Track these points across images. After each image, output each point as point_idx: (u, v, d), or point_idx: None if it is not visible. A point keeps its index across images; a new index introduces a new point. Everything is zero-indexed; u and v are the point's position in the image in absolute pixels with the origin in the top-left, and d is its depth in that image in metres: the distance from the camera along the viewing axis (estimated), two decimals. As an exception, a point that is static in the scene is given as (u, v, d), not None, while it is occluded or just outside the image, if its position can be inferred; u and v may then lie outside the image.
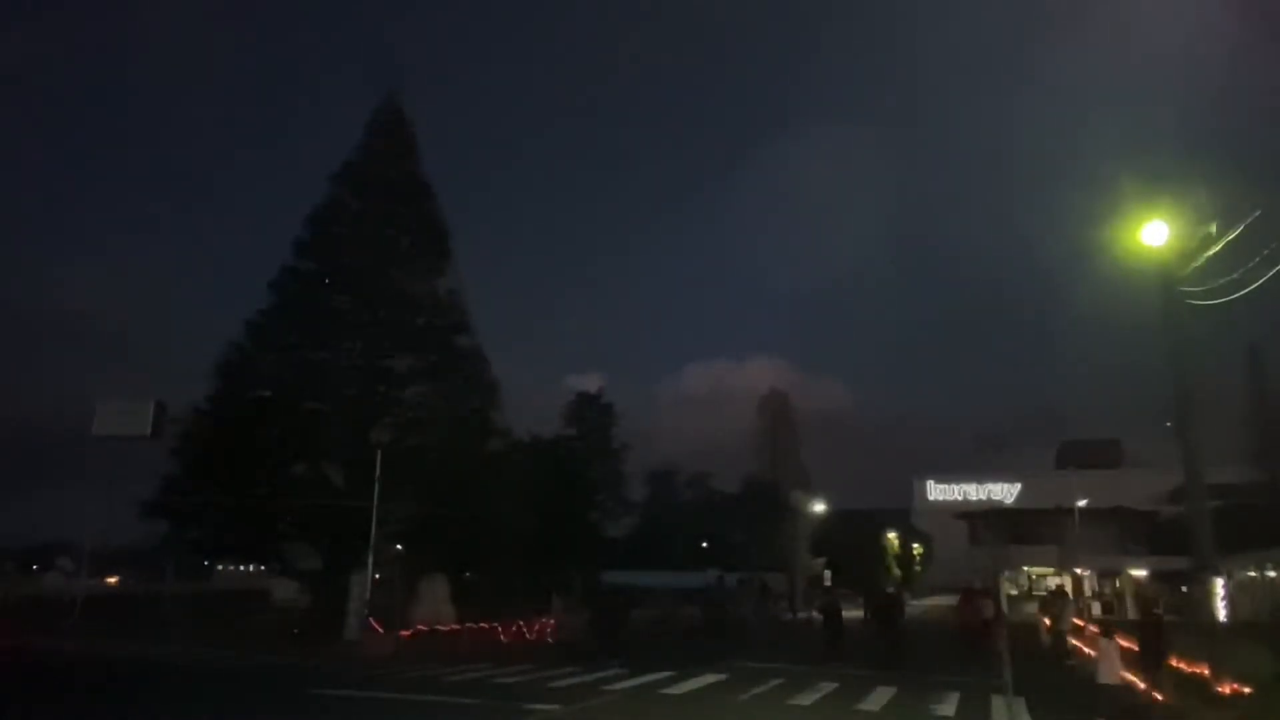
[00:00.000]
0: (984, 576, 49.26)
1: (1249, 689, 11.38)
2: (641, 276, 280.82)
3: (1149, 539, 52.08)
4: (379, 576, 24.79)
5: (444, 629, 23.72)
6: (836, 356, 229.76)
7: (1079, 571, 51.26)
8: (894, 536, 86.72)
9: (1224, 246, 12.49)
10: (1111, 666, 11.47)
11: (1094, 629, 21.36)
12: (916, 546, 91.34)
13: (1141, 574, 48.55)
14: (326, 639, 22.78)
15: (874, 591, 37.48)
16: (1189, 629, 14.38)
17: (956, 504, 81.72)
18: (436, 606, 25.91)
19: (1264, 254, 11.46)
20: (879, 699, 14.68)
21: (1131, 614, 44.03)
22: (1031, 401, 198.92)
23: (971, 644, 23.52)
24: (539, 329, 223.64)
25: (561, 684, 15.82)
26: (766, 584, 47.97)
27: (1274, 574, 39.02)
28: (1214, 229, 12.70)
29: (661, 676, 16.90)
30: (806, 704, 14.18)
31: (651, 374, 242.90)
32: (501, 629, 24.59)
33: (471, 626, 24.29)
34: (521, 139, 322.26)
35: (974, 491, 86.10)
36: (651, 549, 57.98)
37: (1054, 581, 49.77)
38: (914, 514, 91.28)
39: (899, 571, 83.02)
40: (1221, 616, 13.02)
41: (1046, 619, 25.41)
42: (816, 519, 63.14)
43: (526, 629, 25.47)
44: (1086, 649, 22.70)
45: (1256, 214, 11.79)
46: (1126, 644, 12.71)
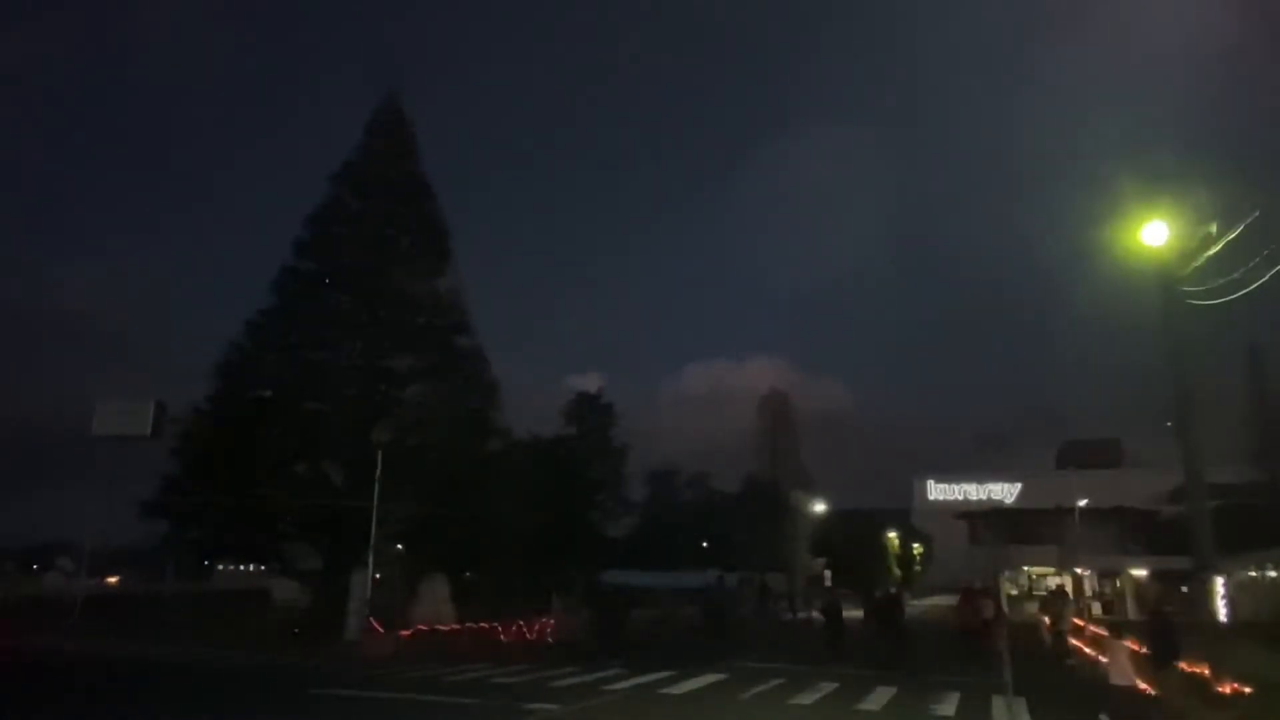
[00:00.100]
0: (984, 576, 49.25)
1: (1249, 689, 11.37)
2: (641, 276, 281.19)
3: (1149, 539, 52.04)
4: (379, 576, 24.80)
5: (444, 629, 23.68)
6: (836, 356, 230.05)
7: (1079, 571, 51.24)
8: (894, 536, 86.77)
9: (1224, 246, 12.49)
10: (1122, 667, 11.44)
11: (1100, 630, 21.35)
12: (916, 546, 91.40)
13: (1142, 574, 48.53)
14: (327, 639, 22.77)
15: (872, 591, 37.50)
16: (1189, 629, 14.35)
17: (956, 504, 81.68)
18: (436, 606, 25.88)
19: (1264, 254, 11.47)
20: (879, 699, 14.68)
21: (1132, 614, 44.09)
22: (1031, 401, 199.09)
23: (972, 644, 23.52)
24: (539, 329, 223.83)
25: (562, 684, 15.82)
26: (767, 584, 48.02)
27: (1274, 574, 39.03)
28: (1214, 229, 12.70)
29: (662, 676, 16.90)
30: (807, 703, 14.18)
31: (651, 374, 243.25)
32: (502, 629, 24.57)
33: (472, 626, 24.26)
34: (521, 139, 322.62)
35: (974, 491, 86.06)
36: (652, 549, 57.97)
37: (1054, 581, 49.73)
38: (914, 514, 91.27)
39: (899, 571, 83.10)
40: (1222, 616, 13.02)
41: (1047, 619, 25.41)
42: (816, 519, 63.23)
43: (527, 629, 25.45)
44: (1087, 649, 22.70)
45: (1256, 214, 11.80)
46: (1136, 644, 12.66)
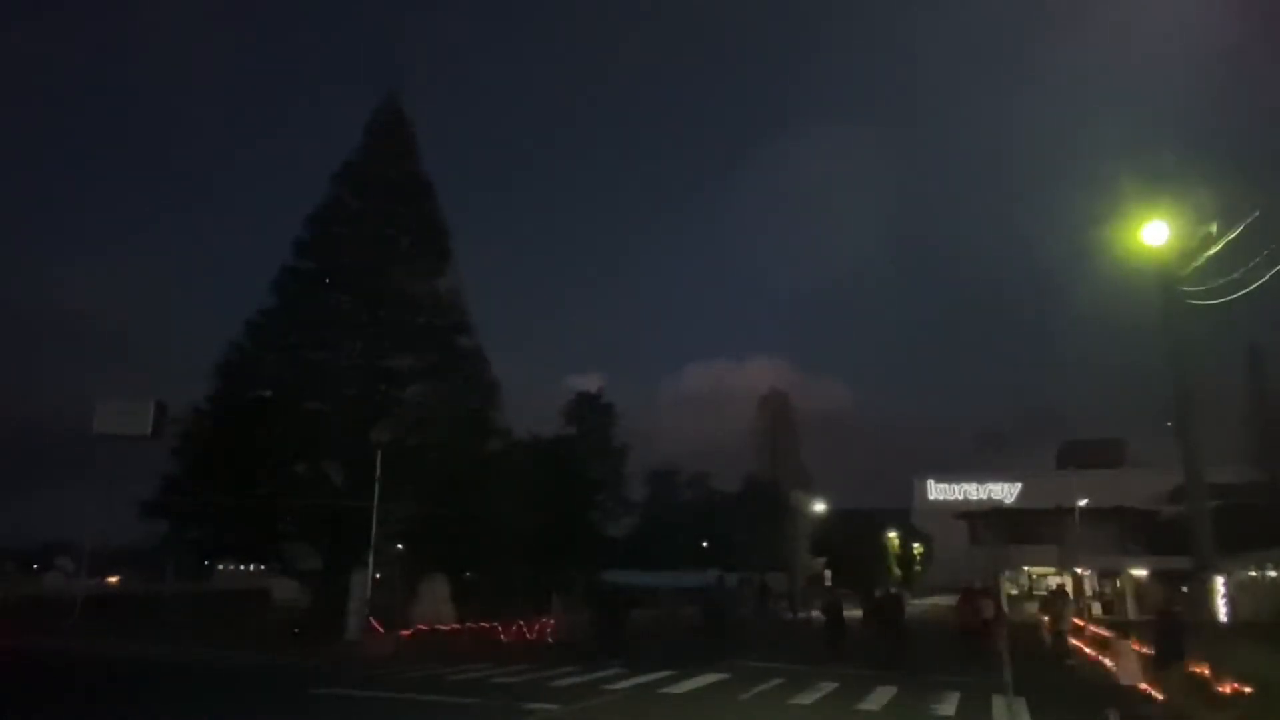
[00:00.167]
0: (984, 576, 49.25)
1: (1249, 689, 11.37)
2: (641, 276, 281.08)
3: (1149, 539, 52.05)
4: (379, 576, 24.80)
5: (444, 629, 23.68)
6: (836, 356, 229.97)
7: (1079, 571, 51.25)
8: (894, 536, 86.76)
9: (1224, 246, 12.48)
10: (1130, 667, 11.44)
11: (1102, 631, 21.34)
12: (916, 546, 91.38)
13: (1142, 574, 48.54)
14: (327, 639, 22.76)
15: (871, 591, 37.52)
16: (1190, 629, 14.34)
17: (957, 504, 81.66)
18: (437, 606, 25.89)
19: (1264, 254, 11.46)
20: (879, 699, 14.67)
21: (1132, 614, 44.10)
22: (1031, 401, 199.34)
23: (971, 644, 23.52)
24: (539, 329, 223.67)
25: (562, 683, 15.82)
26: (767, 584, 48.06)
27: (1274, 574, 39.03)
28: (1214, 229, 12.69)
29: (662, 676, 16.89)
30: (807, 703, 14.18)
31: (651, 374, 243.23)
32: (502, 629, 24.57)
33: (472, 626, 24.27)
34: (521, 139, 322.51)
35: (974, 491, 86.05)
36: (652, 549, 58.00)
37: (1054, 581, 49.75)
38: (914, 514, 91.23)
39: (899, 571, 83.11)
40: (1222, 616, 13.01)
41: (1047, 619, 25.42)
42: (817, 519, 63.23)
43: (527, 629, 25.46)
44: (1088, 649, 22.71)
45: (1256, 214, 11.78)
46: (1140, 644, 12.67)
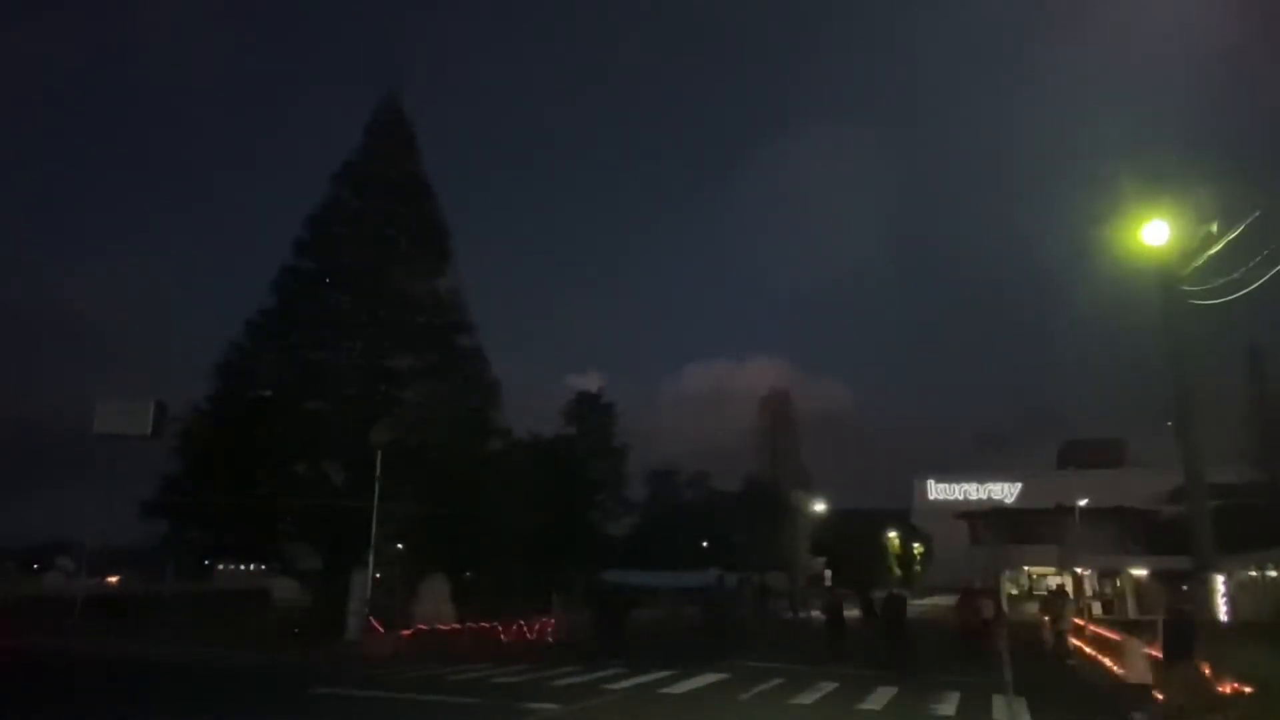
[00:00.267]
0: (984, 576, 49.29)
1: (1249, 689, 11.36)
2: (641, 276, 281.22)
3: (1149, 539, 52.05)
4: (379, 576, 24.78)
5: (444, 628, 23.67)
6: (836, 356, 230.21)
7: (1079, 571, 51.24)
8: (894, 536, 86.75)
9: (1225, 246, 12.47)
10: (1138, 666, 11.42)
11: (1105, 631, 21.31)
12: (917, 546, 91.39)
13: (1142, 573, 48.54)
14: (327, 639, 22.77)
15: (868, 590, 37.54)
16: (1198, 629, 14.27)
17: (957, 504, 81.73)
18: (437, 606, 25.86)
19: (1264, 254, 11.45)
20: (880, 699, 14.66)
21: (1133, 613, 44.08)
22: (1032, 401, 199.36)
23: (972, 644, 23.53)
24: (539, 329, 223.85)
25: (562, 683, 15.82)
26: (766, 583, 48.09)
27: (1275, 574, 39.03)
28: (1214, 228, 12.69)
29: (661, 676, 16.88)
30: (807, 703, 14.16)
31: (651, 374, 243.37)
32: (502, 628, 24.57)
33: (472, 626, 24.26)
34: (521, 139, 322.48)
35: (974, 491, 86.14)
36: (652, 549, 58.05)
37: (1054, 581, 49.74)
38: (914, 514, 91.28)
39: (899, 571, 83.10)
40: (1222, 616, 13.00)
41: (1047, 618, 25.41)
42: (817, 519, 63.26)
43: (527, 628, 25.46)
44: (1088, 648, 22.70)
45: (1257, 214, 11.78)
46: (1150, 644, 12.64)
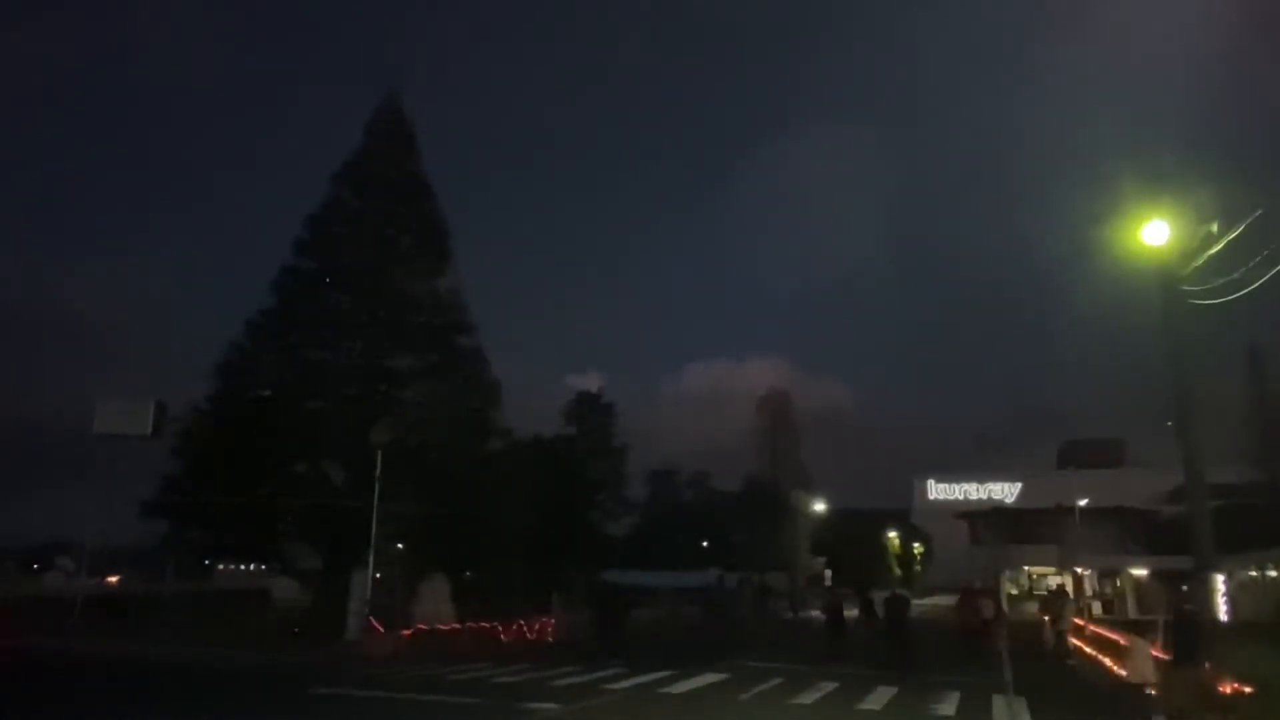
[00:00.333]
0: (984, 576, 49.29)
1: (1249, 689, 11.35)
2: (641, 276, 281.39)
3: (1149, 539, 52.05)
4: (379, 576, 24.79)
5: (444, 628, 23.67)
6: (836, 356, 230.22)
7: (1079, 571, 51.23)
8: (894, 536, 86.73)
9: (1225, 246, 12.45)
10: (1145, 666, 11.38)
11: (1107, 632, 21.28)
12: (917, 546, 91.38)
13: (1142, 573, 48.54)
14: (327, 638, 22.78)
15: (866, 589, 37.55)
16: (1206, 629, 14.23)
17: (957, 503, 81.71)
18: (437, 606, 25.88)
19: (1264, 254, 11.44)
20: (880, 698, 14.66)
21: (1133, 613, 44.06)
22: (1032, 401, 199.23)
23: (972, 644, 23.55)
24: (539, 329, 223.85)
25: (562, 683, 15.82)
26: (766, 583, 48.10)
27: (1275, 574, 39.04)
28: (1215, 228, 12.66)
29: (661, 676, 16.88)
30: (807, 703, 14.16)
31: (651, 374, 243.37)
32: (502, 628, 24.57)
33: (472, 626, 24.26)
34: (521, 139, 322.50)
35: (974, 491, 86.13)
36: (652, 549, 58.04)
37: (1054, 581, 49.74)
38: (914, 514, 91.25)
39: (899, 571, 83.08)
40: (1222, 616, 12.98)
41: (1047, 618, 25.42)
42: (817, 519, 63.29)
43: (527, 628, 25.47)
44: (1088, 648, 22.70)
45: (1257, 214, 11.76)
46: (1156, 644, 12.61)
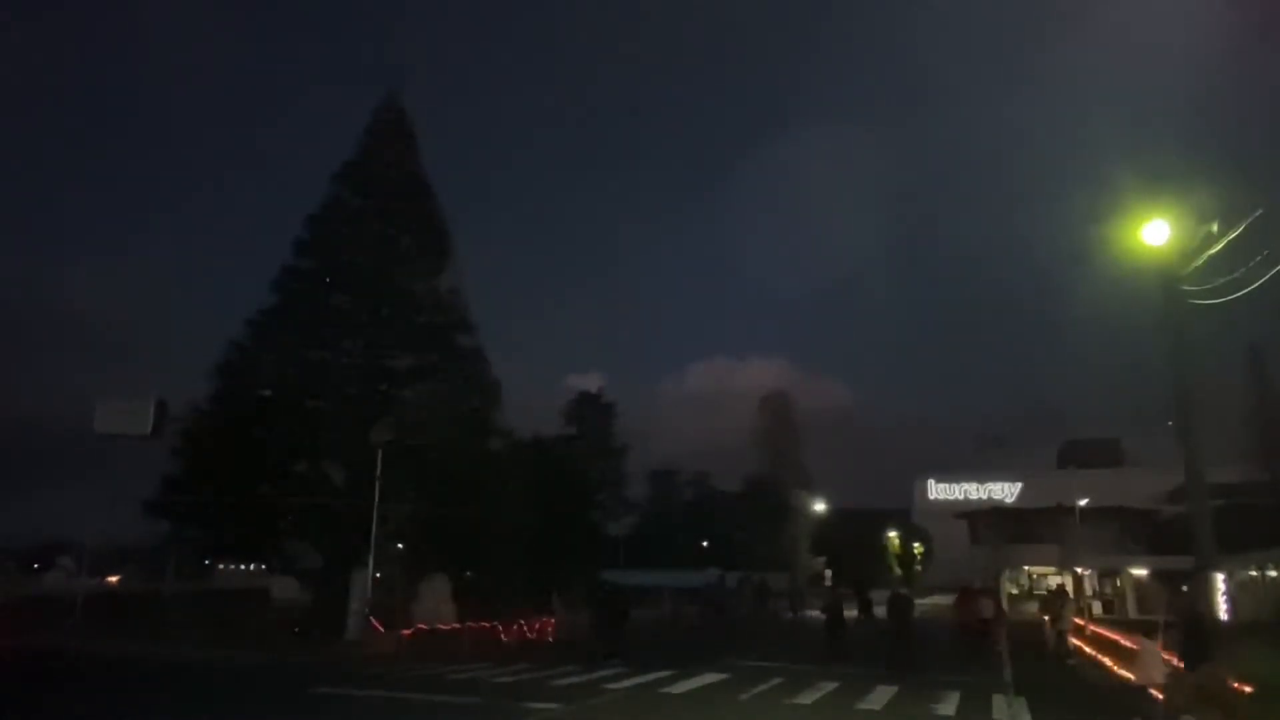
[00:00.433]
0: (985, 576, 49.25)
1: (1249, 689, 11.35)
2: (641, 276, 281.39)
3: (1149, 539, 52.06)
4: (379, 575, 24.79)
5: (445, 628, 23.65)
6: (837, 356, 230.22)
7: (1080, 571, 51.24)
8: (895, 536, 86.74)
9: (1225, 246, 12.46)
10: (1155, 669, 11.35)
11: (1110, 632, 21.28)
12: (917, 546, 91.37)
13: (1142, 573, 48.54)
14: (327, 638, 22.79)
15: (864, 589, 37.60)
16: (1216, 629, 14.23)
17: (957, 503, 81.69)
18: (437, 605, 25.86)
19: (1264, 254, 11.44)
20: (880, 698, 14.66)
21: (1133, 613, 44.06)
22: (1032, 401, 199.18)
23: (969, 643, 23.55)
24: (539, 329, 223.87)
25: (562, 683, 15.82)
26: (766, 583, 48.07)
27: (1275, 574, 39.04)
28: (1215, 228, 12.67)
29: (661, 676, 16.88)
30: (807, 703, 14.15)
31: (652, 374, 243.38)
32: (502, 628, 24.55)
33: (472, 625, 24.23)
34: (521, 139, 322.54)
35: (974, 491, 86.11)
36: (652, 548, 58.04)
37: (1054, 581, 49.74)
38: (914, 513, 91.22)
39: (899, 571, 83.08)
40: (1223, 615, 12.98)
41: (1047, 618, 25.41)
42: (817, 518, 63.33)
43: (527, 628, 25.45)
44: (1088, 648, 22.70)
45: (1258, 213, 11.76)
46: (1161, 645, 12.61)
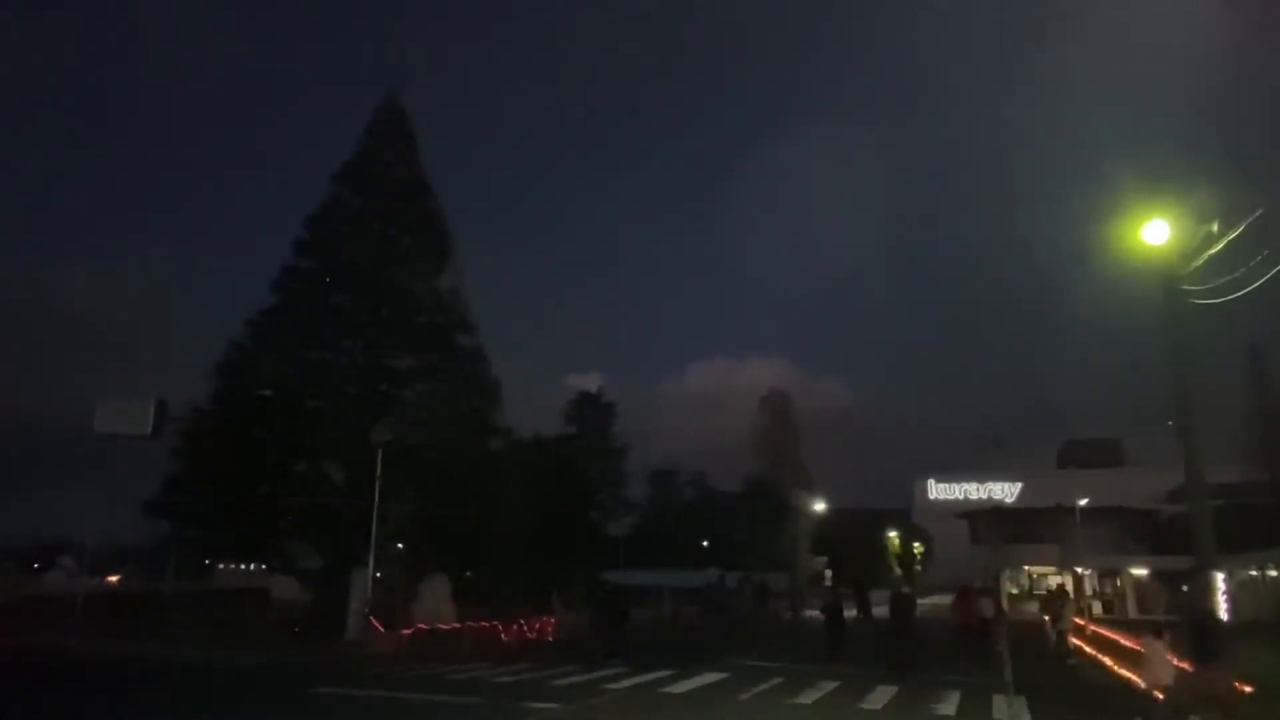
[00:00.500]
0: (985, 576, 49.27)
1: (1249, 688, 11.35)
2: (641, 276, 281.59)
3: (1149, 538, 52.07)
4: (380, 575, 24.79)
5: (445, 628, 23.64)
6: (837, 356, 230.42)
7: (1080, 570, 51.25)
8: (895, 535, 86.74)
9: (1225, 246, 12.46)
10: (1164, 671, 11.34)
11: (1111, 633, 21.28)
12: (917, 546, 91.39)
13: (1142, 573, 48.55)
14: (327, 638, 22.79)
15: (863, 588, 37.67)
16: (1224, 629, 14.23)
17: (957, 503, 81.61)
18: (437, 605, 25.85)
19: (1265, 254, 11.44)
20: (880, 698, 14.65)
21: (1133, 613, 44.09)
22: (1032, 401, 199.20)
23: (968, 642, 23.56)
24: (539, 329, 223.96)
25: (562, 683, 15.83)
26: (766, 583, 48.06)
27: (1275, 573, 39.04)
28: (1215, 228, 12.67)
29: (662, 675, 16.89)
30: (807, 703, 14.15)
31: (652, 373, 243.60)
32: (502, 628, 24.55)
33: (472, 625, 24.23)
34: (521, 139, 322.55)
35: (975, 491, 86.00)
36: (652, 549, 58.04)
37: (1054, 581, 49.75)
38: (914, 513, 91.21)
39: (900, 571, 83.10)
40: (1223, 615, 12.98)
41: (1047, 617, 25.43)
42: (817, 518, 63.33)
43: (527, 628, 25.45)
44: (1088, 648, 22.71)
45: (1258, 213, 11.76)
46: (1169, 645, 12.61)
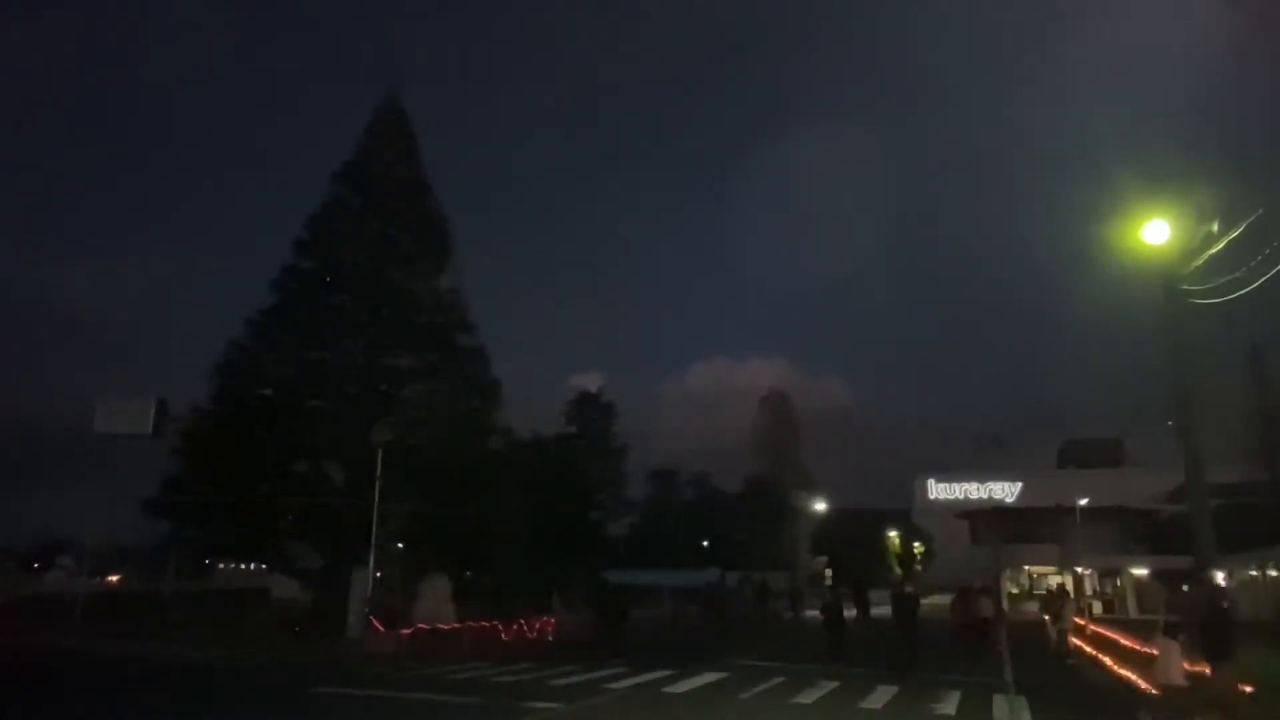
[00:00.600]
0: (985, 576, 49.28)
1: (1249, 688, 11.35)
2: (642, 276, 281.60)
3: (1149, 538, 52.08)
4: (380, 575, 24.80)
5: (445, 628, 23.64)
6: (837, 356, 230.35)
7: (1080, 570, 51.26)
8: (895, 535, 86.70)
9: (1225, 246, 12.46)
10: (1176, 672, 11.33)
11: (1114, 634, 21.26)
12: (917, 545, 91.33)
13: (1142, 573, 48.56)
14: (327, 638, 22.80)
15: (862, 588, 37.69)
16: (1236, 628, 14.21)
17: (957, 503, 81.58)
18: (437, 605, 25.86)
19: (1265, 253, 11.44)
20: (880, 698, 14.65)
21: (1133, 612, 44.09)
22: (1032, 401, 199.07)
23: (967, 642, 23.55)
24: (540, 329, 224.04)
25: (562, 682, 15.82)
26: (767, 583, 48.07)
27: (1275, 573, 39.02)
28: (1215, 228, 12.67)
29: (662, 675, 16.88)
30: (807, 703, 14.15)
31: (652, 373, 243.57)
32: (503, 628, 24.56)
33: (473, 625, 24.24)
34: (521, 139, 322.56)
35: (975, 491, 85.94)
36: (652, 548, 58.03)
37: (1055, 580, 49.77)
38: (915, 513, 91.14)
39: (900, 570, 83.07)
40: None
41: (1047, 617, 25.44)
42: (817, 518, 63.33)
43: (527, 627, 25.45)
44: (1088, 648, 22.70)
45: (1259, 213, 11.76)
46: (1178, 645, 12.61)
